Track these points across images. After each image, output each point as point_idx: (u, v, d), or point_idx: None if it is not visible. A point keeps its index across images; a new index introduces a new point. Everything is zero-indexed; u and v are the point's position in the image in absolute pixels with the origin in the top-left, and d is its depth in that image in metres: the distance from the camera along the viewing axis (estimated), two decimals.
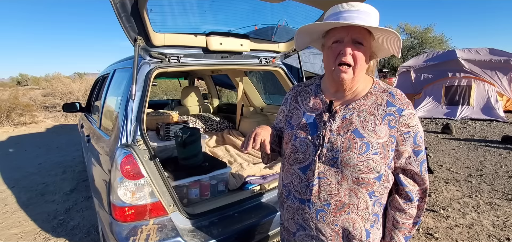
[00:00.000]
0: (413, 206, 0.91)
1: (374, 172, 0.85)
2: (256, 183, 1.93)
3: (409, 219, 0.92)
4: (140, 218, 1.41)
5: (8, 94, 9.46)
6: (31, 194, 3.43)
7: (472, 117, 7.24)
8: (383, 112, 0.88)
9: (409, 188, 0.90)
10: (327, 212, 0.89)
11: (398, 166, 0.90)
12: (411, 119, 0.88)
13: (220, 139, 3.00)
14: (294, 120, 1.01)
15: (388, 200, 0.95)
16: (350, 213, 0.88)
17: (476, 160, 4.24)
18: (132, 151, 1.41)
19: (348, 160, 0.85)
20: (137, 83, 1.62)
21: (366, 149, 0.85)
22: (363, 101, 0.91)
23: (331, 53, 0.88)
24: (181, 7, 1.77)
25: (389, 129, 0.86)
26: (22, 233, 2.60)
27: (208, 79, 4.31)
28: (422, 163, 0.89)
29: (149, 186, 1.42)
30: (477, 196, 3.03)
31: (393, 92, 0.91)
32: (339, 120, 0.90)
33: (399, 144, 0.87)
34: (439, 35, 20.57)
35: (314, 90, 1.02)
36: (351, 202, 0.87)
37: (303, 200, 0.93)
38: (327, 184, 0.88)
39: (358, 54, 0.85)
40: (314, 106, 0.98)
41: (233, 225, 1.58)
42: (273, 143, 1.07)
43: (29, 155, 5.27)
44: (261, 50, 2.18)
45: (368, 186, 0.86)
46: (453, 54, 8.14)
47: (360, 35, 0.84)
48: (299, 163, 0.94)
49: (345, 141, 0.87)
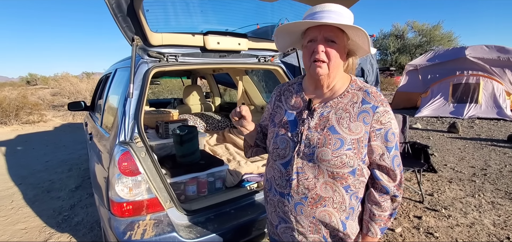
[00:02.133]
0: (388, 198, 0.95)
1: (348, 166, 0.90)
2: (253, 181, 1.95)
3: (384, 211, 0.95)
4: (137, 214, 1.44)
5: (17, 93, 9.69)
6: (38, 191, 3.52)
7: (479, 116, 7.12)
8: (358, 110, 0.92)
9: (384, 183, 0.94)
10: (305, 205, 0.94)
11: (372, 162, 0.94)
12: (384, 116, 0.92)
13: (220, 138, 3.02)
14: (277, 118, 1.06)
15: (365, 194, 0.99)
16: (326, 206, 0.93)
17: (481, 159, 4.17)
18: (130, 148, 1.45)
19: (323, 156, 0.90)
20: (135, 82, 1.65)
21: (340, 145, 0.89)
22: (340, 99, 0.95)
23: (307, 51, 0.94)
24: (178, 7, 1.80)
25: (364, 125, 0.91)
26: (27, 229, 2.67)
27: (210, 78, 4.34)
28: (394, 158, 0.93)
29: (146, 183, 1.45)
30: (479, 195, 2.99)
31: (368, 90, 0.95)
32: (317, 118, 0.95)
33: (371, 139, 0.91)
34: (447, 32, 20.25)
35: (296, 88, 1.07)
36: (327, 195, 0.92)
37: (283, 193, 0.98)
38: (305, 179, 0.93)
39: (331, 51, 0.90)
40: (295, 104, 1.03)
41: (229, 222, 1.60)
42: (257, 139, 1.17)
43: (36, 153, 5.40)
44: (260, 48, 2.19)
45: (343, 180, 0.91)
46: (461, 52, 8.01)
47: (332, 33, 0.89)
48: (281, 159, 0.99)
49: (321, 137, 0.91)
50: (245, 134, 1.11)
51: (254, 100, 3.42)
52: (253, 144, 1.18)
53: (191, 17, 1.98)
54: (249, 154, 1.23)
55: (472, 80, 7.56)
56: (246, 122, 1.06)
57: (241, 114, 1.04)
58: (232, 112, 1.07)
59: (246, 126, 1.07)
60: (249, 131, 1.10)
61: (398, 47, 20.74)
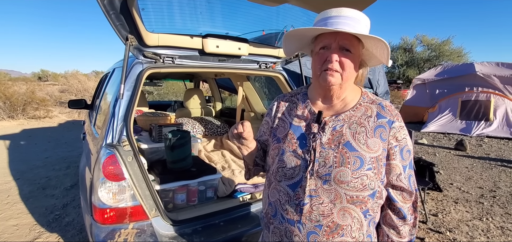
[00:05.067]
0: (407, 224, 0.87)
1: (369, 189, 0.80)
2: (247, 192, 1.86)
3: (403, 238, 0.88)
4: (119, 221, 1.37)
5: (26, 89, 9.83)
6: (33, 187, 3.50)
7: (489, 134, 6.89)
8: (374, 124, 0.83)
9: (400, 204, 0.86)
10: (319, 235, 0.81)
11: (388, 181, 0.86)
12: (400, 132, 0.84)
13: (218, 144, 2.95)
14: (280, 132, 0.93)
15: (381, 216, 0.90)
16: (344, 235, 0.81)
17: (490, 180, 4.00)
18: (116, 151, 1.38)
19: (342, 177, 0.79)
20: (127, 82, 1.60)
21: (360, 164, 0.79)
22: (352, 112, 0.86)
23: (318, 59, 0.85)
24: (176, 7, 1.75)
25: (381, 142, 0.82)
26: (18, 225, 2.63)
27: (211, 82, 4.29)
28: (410, 177, 0.86)
29: (131, 189, 1.38)
30: (488, 219, 2.83)
31: (382, 104, 0.88)
32: (329, 132, 0.85)
33: (390, 157, 0.83)
34: (457, 48, 19.94)
35: (301, 99, 0.96)
36: (345, 223, 0.80)
37: (292, 221, 0.84)
38: (319, 203, 0.81)
39: (345, 61, 0.82)
40: (302, 116, 0.92)
41: (217, 235, 1.52)
42: (257, 157, 1.00)
43: (38, 148, 5.42)
44: (261, 54, 2.13)
45: (363, 204, 0.81)
46: (471, 68, 7.83)
47: (348, 42, 0.81)
48: (288, 180, 0.86)
49: (337, 155, 0.81)
50: (245, 154, 0.95)
51: (255, 107, 3.35)
52: (252, 164, 1.01)
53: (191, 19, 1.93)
54: (248, 176, 1.07)
55: (482, 97, 7.35)
56: (247, 141, 0.90)
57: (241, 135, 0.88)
58: (231, 132, 0.91)
59: (248, 144, 0.91)
60: (251, 150, 0.93)
61: (406, 60, 20.51)
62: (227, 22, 2.09)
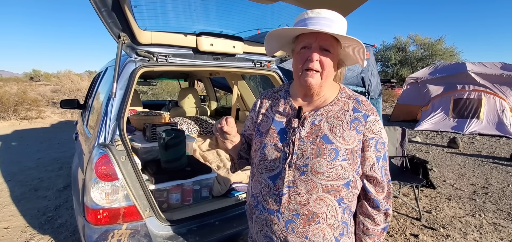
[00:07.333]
0: (381, 212, 0.92)
1: (343, 178, 0.85)
2: (242, 191, 1.86)
3: (377, 225, 0.93)
4: (113, 222, 1.35)
5: (17, 89, 9.66)
6: (25, 188, 3.43)
7: (481, 132, 7.00)
8: (350, 118, 0.89)
9: (373, 195, 0.91)
10: (297, 223, 0.86)
11: (363, 172, 0.90)
12: (375, 125, 0.89)
13: (213, 143, 2.93)
14: (263, 127, 0.99)
15: (357, 206, 0.95)
16: (320, 223, 0.86)
17: (482, 177, 4.06)
18: (108, 151, 1.36)
19: (317, 167, 0.84)
20: (120, 81, 1.58)
21: (335, 155, 0.84)
22: (331, 107, 0.91)
23: (299, 58, 0.89)
24: (169, 5, 1.73)
25: (357, 134, 0.87)
26: (9, 228, 2.58)
27: (206, 81, 4.27)
28: (382, 168, 0.91)
29: (124, 189, 1.36)
30: (480, 215, 2.88)
31: (358, 99, 0.93)
32: (308, 126, 0.90)
33: (365, 149, 0.88)
34: (450, 47, 20.23)
35: (283, 95, 1.01)
36: (320, 211, 0.86)
37: (272, 210, 0.89)
38: (297, 193, 0.86)
39: (325, 60, 0.86)
40: (283, 112, 0.97)
41: (212, 234, 1.51)
42: (241, 150, 1.06)
43: (30, 149, 5.32)
44: (256, 53, 2.12)
45: (337, 192, 0.86)
46: (463, 67, 7.97)
47: (327, 42, 0.86)
48: (269, 172, 0.91)
49: (314, 147, 0.86)
50: (229, 148, 1.01)
51: (250, 105, 3.34)
52: (236, 157, 1.07)
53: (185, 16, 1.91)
54: (233, 169, 1.13)
55: (474, 95, 7.47)
56: (231, 135, 0.96)
57: (224, 130, 0.93)
58: (216, 126, 0.97)
59: (232, 139, 0.98)
60: (234, 143, 1.01)
61: (399, 59, 20.72)
62: (222, 21, 2.08)
